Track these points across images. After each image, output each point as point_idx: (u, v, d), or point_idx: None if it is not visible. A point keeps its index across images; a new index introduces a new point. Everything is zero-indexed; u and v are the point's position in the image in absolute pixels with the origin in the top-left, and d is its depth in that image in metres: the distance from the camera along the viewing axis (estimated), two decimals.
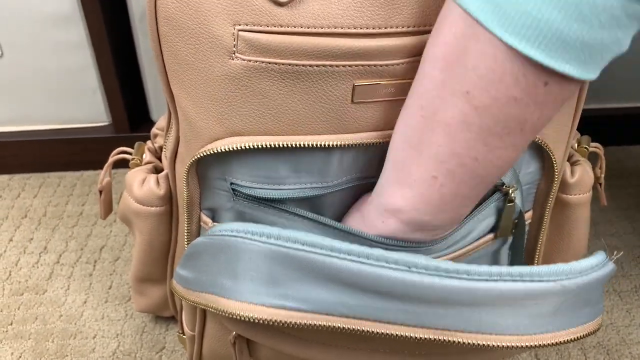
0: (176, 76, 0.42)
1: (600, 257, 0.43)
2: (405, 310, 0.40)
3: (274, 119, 0.40)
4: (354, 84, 0.40)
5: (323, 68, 0.39)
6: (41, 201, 0.86)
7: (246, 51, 0.38)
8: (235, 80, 0.39)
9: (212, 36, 0.38)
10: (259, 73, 0.39)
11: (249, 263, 0.41)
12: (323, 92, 0.40)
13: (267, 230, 0.41)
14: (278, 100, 0.40)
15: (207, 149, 0.42)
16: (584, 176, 0.51)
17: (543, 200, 0.49)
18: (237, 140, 0.41)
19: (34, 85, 0.87)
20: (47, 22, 0.81)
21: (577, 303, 0.43)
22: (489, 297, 0.40)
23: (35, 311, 0.68)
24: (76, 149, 0.91)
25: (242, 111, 0.40)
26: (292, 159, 0.42)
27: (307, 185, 0.43)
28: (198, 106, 0.42)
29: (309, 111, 0.40)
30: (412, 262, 0.40)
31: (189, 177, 0.45)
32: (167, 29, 0.40)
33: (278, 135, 0.41)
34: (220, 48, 0.38)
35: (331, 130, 0.41)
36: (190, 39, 0.39)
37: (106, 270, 0.74)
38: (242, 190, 0.44)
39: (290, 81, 0.39)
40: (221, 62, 0.39)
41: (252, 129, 0.41)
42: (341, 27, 0.38)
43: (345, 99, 0.40)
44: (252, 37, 0.38)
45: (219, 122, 0.41)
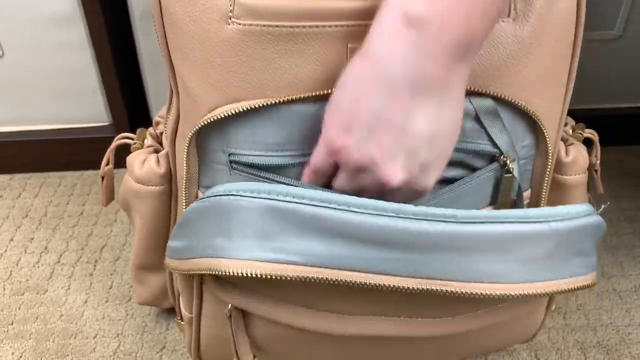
0: (177, 45, 0.43)
1: (586, 206, 0.43)
2: (396, 259, 0.40)
3: (272, 84, 0.41)
4: (348, 46, 0.40)
5: (316, 29, 0.40)
6: (42, 201, 0.86)
7: (242, 15, 0.40)
8: (232, 45, 0.41)
9: (210, 2, 0.40)
10: (255, 37, 0.40)
11: (241, 220, 0.41)
12: (318, 54, 0.41)
13: (257, 186, 0.41)
14: (274, 64, 0.41)
15: (207, 118, 0.43)
16: (578, 156, 0.51)
17: (540, 179, 0.50)
18: (234, 106, 0.42)
19: (34, 85, 0.87)
20: (48, 22, 0.81)
21: (568, 250, 0.43)
22: (479, 240, 0.41)
23: (35, 311, 0.68)
24: (77, 149, 0.91)
25: (240, 77, 0.41)
26: (291, 123, 0.43)
27: (309, 151, 0.43)
28: (197, 74, 0.43)
29: (306, 74, 0.41)
30: (400, 209, 0.40)
31: (189, 150, 0.45)
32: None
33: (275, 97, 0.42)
34: (217, 14, 0.40)
35: (326, 87, 0.42)
36: (189, 6, 0.41)
37: (107, 270, 0.74)
38: (241, 159, 0.44)
39: (285, 44, 0.40)
40: (218, 28, 0.40)
41: (250, 95, 0.42)
42: None
43: (340, 61, 0.41)
44: (248, 2, 0.39)
45: (217, 89, 0.42)
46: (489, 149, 0.45)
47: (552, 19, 0.43)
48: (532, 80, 0.44)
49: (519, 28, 0.42)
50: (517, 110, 0.45)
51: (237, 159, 0.44)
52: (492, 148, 0.45)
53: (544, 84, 0.45)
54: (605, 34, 0.87)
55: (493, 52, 0.42)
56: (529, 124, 0.46)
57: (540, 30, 0.43)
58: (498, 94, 0.43)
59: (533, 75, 0.44)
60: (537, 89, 0.45)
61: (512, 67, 0.43)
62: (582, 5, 0.44)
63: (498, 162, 0.46)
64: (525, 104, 0.44)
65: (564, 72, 0.46)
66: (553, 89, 0.46)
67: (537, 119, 0.45)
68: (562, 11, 0.43)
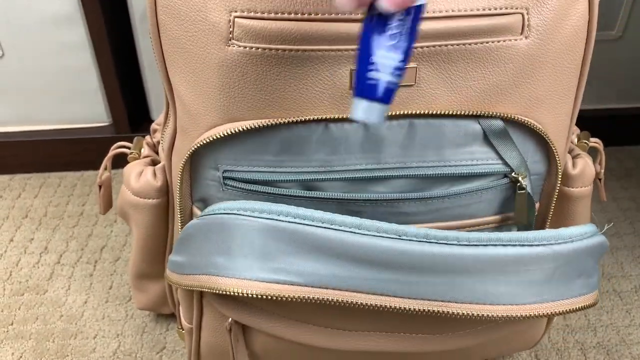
0: (174, 63, 0.42)
1: (590, 227, 0.43)
2: (397, 280, 0.40)
3: (272, 105, 0.41)
4: (351, 69, 0.40)
5: (319, 53, 0.39)
6: (42, 201, 0.86)
7: (242, 37, 0.39)
8: (232, 67, 0.40)
9: (209, 23, 0.39)
10: (256, 59, 0.39)
11: (241, 239, 0.41)
12: (320, 77, 0.40)
13: (257, 205, 0.41)
14: (275, 86, 0.40)
15: (206, 137, 0.42)
16: (585, 169, 0.51)
17: (549, 193, 0.49)
18: (235, 125, 0.41)
19: (34, 86, 0.87)
20: (48, 22, 0.81)
21: (569, 272, 0.43)
22: (480, 262, 0.41)
23: (35, 311, 0.68)
24: (77, 149, 0.91)
25: (240, 97, 0.41)
26: (291, 143, 0.42)
27: (305, 169, 0.43)
28: (196, 93, 0.42)
29: (307, 96, 0.40)
30: (402, 231, 0.40)
31: (184, 167, 0.45)
32: (165, 16, 0.40)
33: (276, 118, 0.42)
34: (217, 35, 0.39)
35: (330, 113, 0.41)
36: (188, 26, 0.40)
37: (107, 270, 0.74)
38: (236, 175, 0.43)
39: (286, 66, 0.39)
40: (218, 49, 0.39)
41: (250, 115, 0.41)
42: (336, 13, 0.38)
43: (343, 84, 0.40)
44: (248, 24, 0.38)
45: (216, 108, 0.42)
46: (501, 168, 0.45)
47: (564, 34, 0.42)
48: (541, 96, 0.44)
49: (530, 45, 0.41)
50: (526, 127, 0.44)
51: (232, 175, 0.44)
52: (504, 167, 0.45)
53: (552, 100, 0.44)
54: (605, 34, 0.87)
55: (502, 71, 0.42)
56: (539, 141, 0.46)
57: (551, 45, 0.42)
58: (507, 114, 0.43)
59: (542, 91, 0.43)
60: (546, 105, 0.44)
61: (521, 85, 0.42)
62: (594, 20, 0.43)
63: (508, 178, 0.46)
64: (534, 122, 0.44)
65: (573, 86, 0.46)
66: (562, 104, 0.45)
67: (546, 136, 0.45)
68: (574, 26, 0.42)
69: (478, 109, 0.42)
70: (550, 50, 0.42)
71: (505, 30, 0.40)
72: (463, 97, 0.42)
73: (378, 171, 0.43)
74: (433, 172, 0.44)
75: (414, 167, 0.44)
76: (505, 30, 0.40)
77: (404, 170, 0.44)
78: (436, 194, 0.44)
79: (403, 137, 0.43)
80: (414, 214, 0.45)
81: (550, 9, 0.41)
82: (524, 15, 0.40)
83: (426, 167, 0.44)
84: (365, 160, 0.43)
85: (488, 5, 0.40)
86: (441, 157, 0.44)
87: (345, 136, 0.42)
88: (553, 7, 0.41)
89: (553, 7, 0.41)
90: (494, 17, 0.40)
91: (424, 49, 0.40)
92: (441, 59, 0.40)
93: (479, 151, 0.44)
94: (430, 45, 0.40)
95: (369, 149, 0.43)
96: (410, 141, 0.43)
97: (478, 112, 0.42)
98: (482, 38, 0.40)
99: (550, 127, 0.45)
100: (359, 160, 0.43)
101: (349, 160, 0.43)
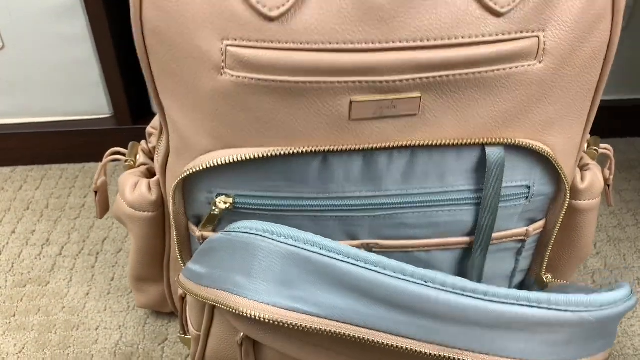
0: (165, 88, 0.40)
1: (625, 291, 0.42)
2: (418, 325, 0.40)
3: (267, 134, 0.39)
4: (351, 100, 0.37)
5: (317, 85, 0.36)
6: (43, 193, 0.86)
7: (235, 67, 0.36)
8: (225, 96, 0.38)
9: (200, 51, 0.36)
10: (249, 89, 0.37)
11: (264, 262, 0.40)
12: (318, 108, 0.38)
13: (285, 230, 0.40)
14: (271, 116, 0.38)
15: (199, 164, 0.41)
16: (594, 182, 0.49)
17: (556, 211, 0.47)
18: (230, 153, 0.40)
19: (35, 78, 0.86)
20: (49, 14, 0.80)
21: (592, 335, 0.42)
22: (505, 319, 0.40)
23: (37, 303, 0.69)
24: (78, 141, 0.91)
25: (234, 125, 0.39)
26: (287, 171, 0.41)
27: (303, 195, 0.42)
28: (188, 119, 0.40)
29: (305, 126, 0.39)
30: (429, 277, 0.39)
31: (177, 191, 0.44)
32: (153, 41, 0.38)
33: (272, 147, 0.40)
34: (208, 63, 0.37)
35: (328, 143, 0.40)
36: (178, 53, 0.37)
37: (108, 262, 0.74)
38: (230, 195, 0.42)
39: (282, 97, 0.37)
40: (209, 78, 0.37)
41: (245, 142, 0.40)
42: (337, 43, 0.35)
43: (342, 115, 0.38)
44: (241, 53, 0.36)
45: (209, 135, 0.40)
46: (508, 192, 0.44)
47: (582, 56, 0.39)
48: (552, 119, 0.41)
49: (544, 70, 0.38)
50: (534, 152, 0.42)
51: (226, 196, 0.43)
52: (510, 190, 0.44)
53: (564, 122, 0.42)
54: None
55: (513, 97, 0.39)
56: (547, 164, 0.44)
57: (567, 69, 0.39)
58: (514, 140, 0.41)
59: (553, 114, 0.41)
60: (557, 127, 0.42)
61: (531, 110, 0.40)
62: (615, 38, 0.40)
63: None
64: (543, 147, 0.42)
65: (587, 106, 0.43)
66: (574, 124, 0.43)
67: (555, 161, 0.43)
68: (594, 48, 0.39)
69: (484, 136, 0.40)
70: (565, 74, 0.39)
71: (519, 57, 0.37)
72: (469, 125, 0.40)
73: (378, 198, 0.42)
74: (436, 199, 0.43)
75: (415, 193, 0.43)
76: (518, 57, 0.37)
77: (405, 197, 0.43)
78: (437, 204, 0.43)
79: (404, 167, 0.41)
80: (413, 225, 0.44)
81: (570, 30, 0.37)
82: (540, 38, 0.37)
83: (428, 194, 0.43)
84: (366, 188, 0.42)
85: (501, 30, 0.36)
86: (443, 183, 0.43)
87: (344, 167, 0.41)
88: (573, 28, 0.37)
89: (573, 28, 0.37)
90: (508, 43, 0.37)
91: (429, 79, 0.37)
92: (448, 88, 0.38)
93: (482, 176, 0.43)
94: (437, 75, 0.37)
95: (368, 178, 0.42)
96: (411, 170, 0.42)
97: (484, 140, 0.40)
98: (494, 66, 0.37)
99: (560, 148, 0.43)
100: (358, 187, 0.42)
101: (348, 188, 0.42)
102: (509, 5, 0.36)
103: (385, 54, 0.36)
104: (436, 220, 0.44)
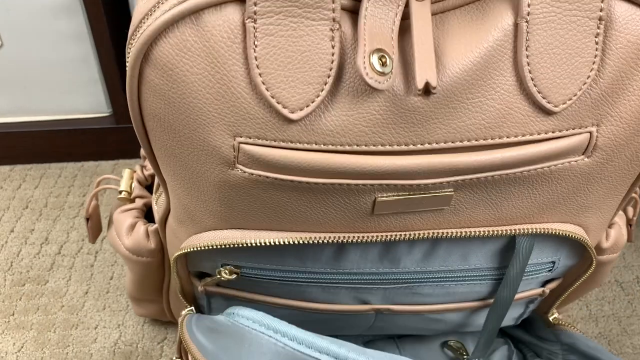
0: (167, 167, 0.36)
1: None
2: None
3: (281, 220, 0.36)
4: (376, 198, 0.34)
5: (339, 186, 0.33)
6: (42, 192, 0.86)
7: (249, 164, 0.32)
8: (236, 188, 0.34)
9: (208, 145, 0.32)
10: (264, 185, 0.33)
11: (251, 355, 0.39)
12: (338, 205, 0.34)
13: (282, 327, 0.38)
14: (285, 207, 0.35)
15: (203, 243, 0.37)
16: (618, 239, 0.46)
17: (576, 275, 0.45)
18: (237, 236, 0.36)
19: (34, 76, 0.86)
20: (47, 12, 0.80)
21: None
22: None
23: (36, 302, 0.68)
24: (77, 140, 0.91)
25: (244, 211, 0.35)
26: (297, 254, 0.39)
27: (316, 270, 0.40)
28: (193, 198, 0.36)
29: (322, 218, 0.35)
30: None
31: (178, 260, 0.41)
32: (154, 124, 0.33)
33: (284, 231, 0.36)
34: (218, 157, 0.32)
35: (346, 232, 0.36)
36: (183, 141, 0.33)
37: (107, 261, 0.74)
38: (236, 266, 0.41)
39: (300, 194, 0.34)
40: (219, 170, 0.33)
41: (255, 224, 0.36)
42: (365, 145, 0.31)
43: (364, 210, 0.35)
44: (256, 151, 0.32)
45: (217, 216, 0.36)
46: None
47: (632, 149, 0.35)
48: (590, 205, 0.38)
49: (591, 164, 0.35)
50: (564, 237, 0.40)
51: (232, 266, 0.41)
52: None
53: (600, 207, 0.39)
54: None
55: (552, 191, 0.36)
56: (575, 243, 0.41)
57: (615, 162, 0.36)
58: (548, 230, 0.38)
59: (592, 201, 0.38)
60: (593, 211, 0.39)
61: (570, 200, 0.37)
62: None
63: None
64: (575, 233, 0.39)
65: (626, 188, 0.39)
66: (609, 207, 0.40)
67: (585, 242, 0.40)
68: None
69: (516, 225, 0.37)
70: (612, 166, 0.36)
71: (566, 154, 0.33)
72: (501, 215, 0.37)
73: (395, 274, 0.41)
74: (456, 275, 0.41)
75: (435, 270, 0.41)
76: (566, 154, 0.33)
77: (424, 274, 0.41)
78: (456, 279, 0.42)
79: (425, 249, 0.40)
80: (429, 295, 0.43)
81: (627, 125, 0.33)
82: (593, 134, 0.33)
83: (449, 271, 0.41)
84: (383, 266, 0.40)
85: (551, 128, 0.32)
86: (466, 263, 0.41)
87: (361, 251, 0.39)
88: (630, 123, 0.33)
89: (630, 123, 0.33)
90: (556, 141, 0.33)
91: (465, 181, 0.33)
92: (484, 186, 0.34)
93: (507, 257, 0.41)
94: (474, 177, 0.33)
95: (387, 259, 0.40)
96: (433, 252, 0.40)
97: (515, 231, 0.37)
98: (537, 165, 0.33)
99: (593, 227, 0.40)
100: (375, 265, 0.40)
101: (365, 265, 0.40)
102: (564, 103, 0.32)
103: (417, 157, 0.32)
104: (453, 290, 0.43)
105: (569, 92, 0.31)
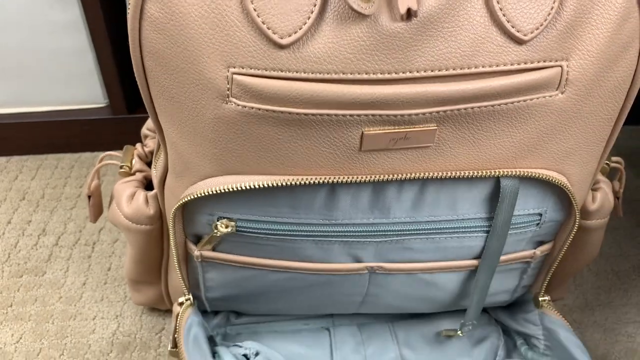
0: (164, 110, 0.38)
1: None
2: None
3: (273, 161, 0.37)
4: (363, 132, 0.36)
5: (327, 117, 0.35)
6: (39, 183, 0.86)
7: (241, 96, 0.34)
8: (230, 124, 0.36)
9: (204, 78, 0.34)
10: (256, 119, 0.35)
11: None
12: (327, 139, 0.36)
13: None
14: (277, 145, 0.36)
15: (200, 190, 0.39)
16: (604, 202, 0.48)
17: (565, 235, 0.47)
18: (233, 181, 0.38)
19: (30, 67, 0.86)
20: (43, 2, 0.80)
21: None
22: None
23: (34, 293, 0.69)
24: (74, 131, 0.90)
25: (238, 152, 0.37)
26: (294, 198, 0.40)
27: (309, 221, 0.41)
28: (189, 142, 0.38)
29: (312, 156, 0.37)
30: None
31: (177, 212, 0.43)
32: (152, 63, 0.36)
33: (277, 175, 0.38)
34: (213, 91, 0.35)
35: (336, 173, 0.38)
36: (179, 78, 0.35)
37: (105, 252, 0.74)
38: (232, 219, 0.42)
39: (291, 128, 0.35)
40: (213, 105, 0.35)
41: (248, 169, 0.38)
42: (350, 73, 0.33)
43: (352, 146, 0.36)
44: (248, 82, 0.34)
45: (212, 161, 0.38)
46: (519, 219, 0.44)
47: (606, 86, 0.37)
48: (571, 150, 0.40)
49: (566, 100, 0.36)
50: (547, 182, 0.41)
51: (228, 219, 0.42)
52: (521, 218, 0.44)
53: (582, 152, 0.41)
54: None
55: (531, 129, 0.37)
56: (561, 193, 0.43)
57: (589, 100, 0.37)
58: (529, 172, 0.39)
59: (572, 145, 0.40)
60: (574, 158, 0.41)
61: (550, 141, 0.39)
62: None
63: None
64: (559, 178, 0.40)
65: (606, 135, 0.41)
66: (592, 153, 0.42)
67: (569, 192, 0.41)
68: (619, 77, 0.37)
69: (499, 167, 0.39)
70: (588, 104, 0.37)
71: (541, 87, 0.35)
72: (484, 156, 0.38)
73: (385, 225, 0.42)
74: (445, 226, 0.42)
75: (424, 221, 0.42)
76: (540, 87, 0.35)
77: (414, 225, 0.42)
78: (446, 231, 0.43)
79: (414, 196, 0.41)
80: (420, 250, 0.44)
81: (595, 60, 0.35)
82: (563, 68, 0.35)
83: (438, 222, 0.42)
84: (373, 215, 0.41)
85: (523, 59, 0.34)
86: (454, 211, 0.42)
87: (352, 197, 0.40)
88: (598, 58, 0.35)
89: (598, 58, 0.35)
90: (530, 73, 0.35)
91: (447, 112, 0.35)
92: (465, 120, 0.36)
93: (494, 204, 0.42)
94: (454, 108, 0.35)
95: (377, 207, 0.41)
96: (422, 199, 0.41)
97: (499, 172, 0.39)
98: (514, 97, 0.35)
99: (577, 177, 0.42)
100: (366, 215, 0.41)
101: (356, 215, 0.41)
102: (532, 32, 0.34)
103: (401, 86, 0.34)
104: (444, 245, 0.44)
105: (536, 21, 0.34)
